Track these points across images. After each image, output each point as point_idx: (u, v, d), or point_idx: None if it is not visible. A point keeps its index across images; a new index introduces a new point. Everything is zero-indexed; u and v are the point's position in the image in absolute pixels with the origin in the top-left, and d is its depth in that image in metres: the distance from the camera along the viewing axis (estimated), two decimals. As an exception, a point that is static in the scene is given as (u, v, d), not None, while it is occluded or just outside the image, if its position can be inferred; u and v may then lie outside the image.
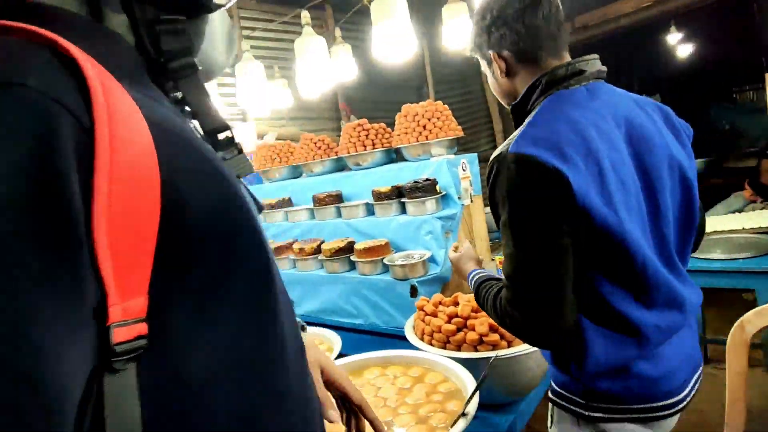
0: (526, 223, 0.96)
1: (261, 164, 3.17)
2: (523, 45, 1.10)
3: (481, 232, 2.56)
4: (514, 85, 1.15)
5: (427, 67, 5.44)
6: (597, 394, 1.05)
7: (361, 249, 2.22)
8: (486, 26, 1.13)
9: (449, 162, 2.31)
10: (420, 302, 1.76)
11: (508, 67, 1.14)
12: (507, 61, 1.13)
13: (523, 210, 0.96)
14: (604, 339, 1.00)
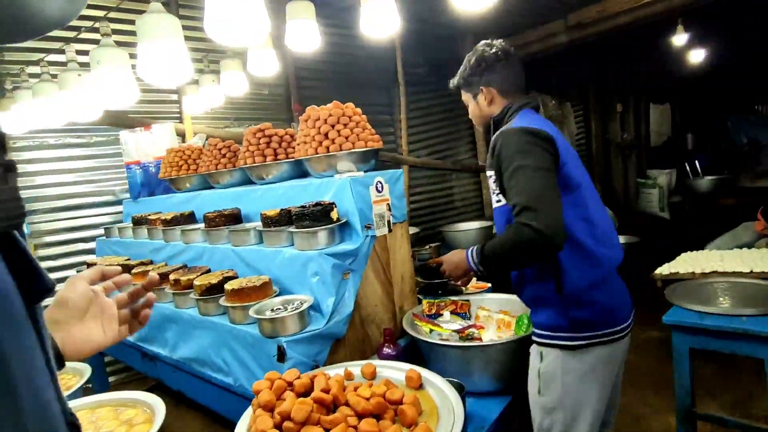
0: (537, 164, 1.39)
1: (165, 171, 2.69)
2: (505, 85, 1.64)
3: (404, 269, 2.05)
4: (492, 109, 1.66)
5: (399, 66, 4.92)
6: (577, 322, 1.47)
7: (231, 289, 1.73)
8: (480, 70, 1.65)
9: (354, 181, 1.81)
10: (258, 384, 1.25)
11: (492, 98, 1.65)
12: (492, 94, 1.65)
13: (533, 156, 1.40)
14: (573, 262, 1.46)
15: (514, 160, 1.40)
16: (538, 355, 1.55)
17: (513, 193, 1.39)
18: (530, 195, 1.35)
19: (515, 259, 1.46)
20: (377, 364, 1.50)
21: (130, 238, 2.83)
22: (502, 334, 1.94)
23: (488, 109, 1.65)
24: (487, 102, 1.64)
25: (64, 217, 3.45)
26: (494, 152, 1.48)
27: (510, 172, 1.41)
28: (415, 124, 5.21)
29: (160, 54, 1.42)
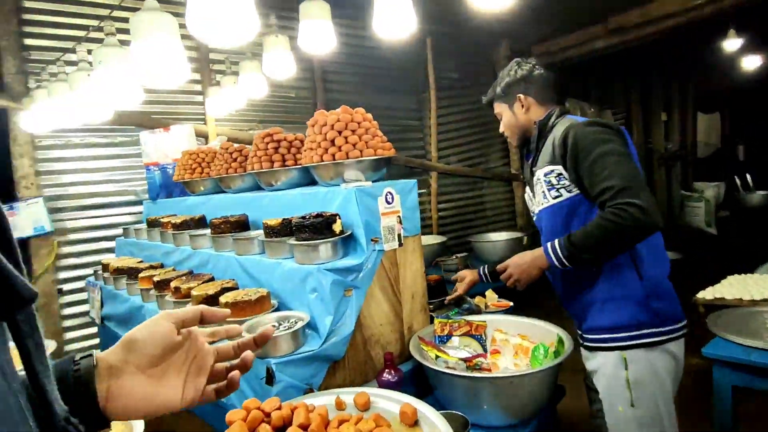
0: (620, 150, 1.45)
1: (179, 174, 2.65)
2: (542, 94, 1.71)
3: (416, 286, 1.92)
4: (529, 117, 1.71)
5: (430, 70, 4.78)
6: (660, 314, 1.48)
7: (224, 303, 1.63)
8: (518, 79, 1.72)
9: (361, 192, 1.69)
10: (232, 415, 1.14)
11: (528, 106, 1.71)
12: (528, 102, 1.71)
13: (614, 143, 1.45)
14: (648, 250, 1.51)
15: (594, 149, 1.43)
16: (619, 362, 1.51)
17: (601, 179, 1.41)
18: (624, 176, 1.38)
19: (617, 244, 1.42)
20: (372, 393, 1.37)
21: (144, 240, 2.81)
22: (518, 362, 1.78)
23: (525, 117, 1.71)
24: (525, 109, 1.71)
25: (87, 215, 3.49)
26: (565, 145, 1.49)
27: (592, 159, 1.43)
28: (445, 130, 5.06)
29: (155, 53, 1.35)
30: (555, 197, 1.58)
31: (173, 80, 1.42)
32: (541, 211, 1.67)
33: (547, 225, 1.65)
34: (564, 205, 1.56)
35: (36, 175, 3.29)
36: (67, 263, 3.44)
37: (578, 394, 2.96)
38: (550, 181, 1.57)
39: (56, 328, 3.39)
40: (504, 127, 1.82)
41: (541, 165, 1.62)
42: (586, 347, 1.65)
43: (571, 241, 1.47)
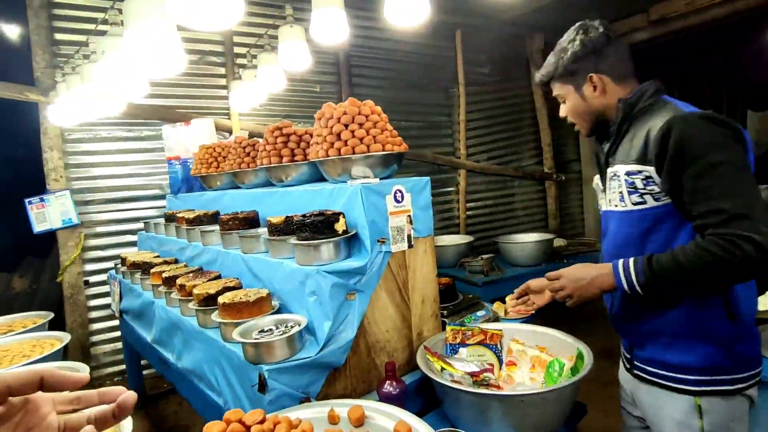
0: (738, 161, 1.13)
1: (196, 168, 2.62)
2: (619, 69, 1.36)
3: (427, 290, 1.80)
4: (605, 101, 1.38)
5: (460, 64, 4.61)
6: (741, 358, 1.24)
7: (222, 303, 1.57)
8: (588, 54, 1.36)
9: (367, 189, 1.59)
10: (209, 428, 1.07)
11: (603, 86, 1.36)
12: (603, 82, 1.36)
13: (732, 151, 1.14)
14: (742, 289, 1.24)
15: (706, 155, 1.13)
16: (692, 409, 1.27)
17: (708, 196, 1.12)
18: (741, 199, 1.10)
19: (714, 282, 1.16)
20: (367, 407, 1.27)
21: (163, 235, 2.81)
22: (535, 376, 1.64)
23: (599, 100, 1.38)
24: (599, 91, 1.37)
25: (113, 209, 3.54)
26: (664, 145, 1.17)
27: (700, 169, 1.13)
28: (474, 127, 4.89)
29: (147, 40, 1.29)
30: (636, 203, 1.27)
31: (167, 68, 1.36)
32: (611, 212, 1.38)
33: (617, 232, 1.36)
34: (646, 214, 1.26)
35: (65, 168, 3.36)
36: (94, 255, 3.51)
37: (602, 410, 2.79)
38: (633, 183, 1.26)
39: (82, 320, 3.46)
40: (568, 112, 1.47)
41: (623, 159, 1.30)
42: (640, 377, 1.40)
43: (653, 266, 1.17)
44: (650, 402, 1.38)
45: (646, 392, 1.39)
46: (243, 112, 3.70)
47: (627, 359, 1.46)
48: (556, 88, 1.47)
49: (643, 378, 1.39)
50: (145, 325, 2.42)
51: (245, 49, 3.24)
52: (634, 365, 1.42)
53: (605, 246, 1.44)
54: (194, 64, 3.68)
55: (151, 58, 1.31)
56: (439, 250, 4.00)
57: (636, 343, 1.40)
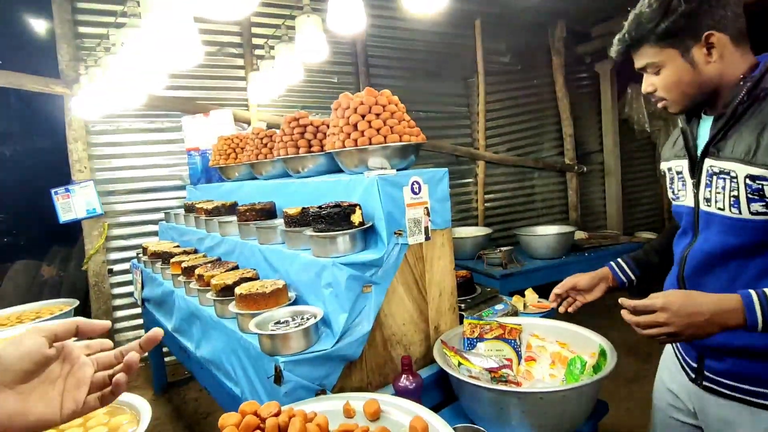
0: None
1: (215, 159, 2.64)
2: (736, 27, 1.06)
3: (444, 283, 1.78)
4: (720, 70, 1.08)
5: (479, 53, 4.53)
6: None
7: (239, 294, 1.57)
8: (702, 8, 1.05)
9: (384, 180, 1.56)
10: (225, 419, 1.07)
11: (722, 50, 1.07)
12: (722, 44, 1.06)
13: None
14: None
15: None
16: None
17: None
18: None
19: None
20: (383, 401, 1.26)
21: (183, 225, 2.84)
22: (555, 372, 1.61)
23: (715, 67, 1.07)
24: (716, 56, 1.07)
25: (136, 199, 3.60)
26: None
27: None
28: (494, 117, 4.81)
29: (164, 30, 1.29)
30: (757, 213, 1.04)
31: (185, 59, 1.35)
32: (710, 214, 1.13)
33: (716, 240, 1.12)
34: (763, 226, 1.05)
35: (89, 159, 3.42)
36: (117, 245, 3.58)
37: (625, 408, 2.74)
38: (761, 190, 1.01)
39: (107, 307, 3.54)
40: (664, 85, 1.14)
41: (741, 156, 1.04)
42: (712, 390, 1.22)
43: None
44: (724, 417, 1.20)
45: (720, 406, 1.21)
46: (261, 103, 3.70)
47: (693, 369, 1.27)
48: (648, 55, 1.13)
49: (717, 391, 1.20)
50: (165, 313, 2.46)
51: (263, 40, 3.24)
52: (704, 377, 1.23)
53: (693, 252, 1.19)
54: (213, 56, 3.69)
55: (169, 49, 1.30)
56: (457, 242, 3.97)
57: (711, 354, 1.20)
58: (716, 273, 1.14)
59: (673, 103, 1.15)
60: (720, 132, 1.10)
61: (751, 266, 1.08)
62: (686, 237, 1.23)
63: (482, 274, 3.60)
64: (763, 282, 1.06)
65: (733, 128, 1.08)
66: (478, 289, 2.10)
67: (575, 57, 5.10)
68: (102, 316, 3.51)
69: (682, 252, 1.22)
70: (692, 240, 1.20)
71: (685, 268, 1.20)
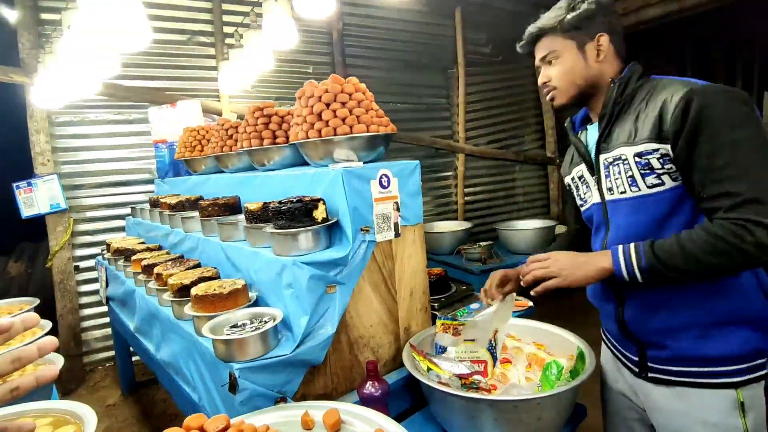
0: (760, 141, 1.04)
1: (180, 152, 2.51)
2: (618, 39, 1.26)
3: (416, 282, 1.69)
4: (602, 70, 1.25)
5: (459, 44, 4.44)
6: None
7: (195, 295, 1.47)
8: (599, 10, 1.22)
9: (349, 173, 1.47)
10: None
11: (605, 53, 1.24)
12: (606, 48, 1.24)
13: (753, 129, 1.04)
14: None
15: (724, 131, 1.04)
16: (733, 406, 1.13)
17: (722, 177, 1.03)
18: (760, 183, 1.01)
19: (719, 270, 1.06)
20: (344, 411, 1.18)
21: (148, 221, 2.71)
22: (532, 375, 1.54)
23: (598, 67, 1.24)
24: (601, 56, 1.23)
25: (103, 193, 3.44)
26: (684, 118, 1.06)
27: (718, 145, 1.03)
28: (474, 109, 4.73)
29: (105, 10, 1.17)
30: (653, 185, 1.13)
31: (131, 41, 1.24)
32: (617, 201, 1.22)
33: (627, 222, 1.20)
34: (665, 197, 1.13)
35: (52, 152, 3.26)
36: (84, 241, 3.42)
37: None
38: (649, 163, 1.13)
39: (72, 306, 3.39)
40: (559, 74, 1.26)
41: (625, 140, 1.17)
42: (659, 380, 1.23)
43: (656, 250, 1.08)
44: (674, 407, 1.21)
45: (667, 396, 1.22)
46: (233, 93, 3.56)
47: (635, 363, 1.28)
48: (550, 44, 1.27)
49: (665, 380, 1.21)
50: (128, 313, 2.34)
51: (233, 28, 3.10)
52: (648, 368, 1.25)
53: (609, 243, 1.24)
54: (182, 45, 3.54)
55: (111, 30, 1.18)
56: (436, 237, 3.89)
57: (652, 343, 1.23)
58: None
59: (561, 93, 1.29)
60: (606, 129, 1.24)
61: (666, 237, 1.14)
62: (600, 232, 1.31)
63: (461, 269, 3.53)
64: None
65: (614, 124, 1.23)
66: (453, 287, 2.02)
67: (557, 49, 5.04)
68: (67, 314, 3.37)
69: (600, 247, 1.30)
70: (606, 233, 1.28)
71: None
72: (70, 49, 1.52)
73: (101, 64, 1.58)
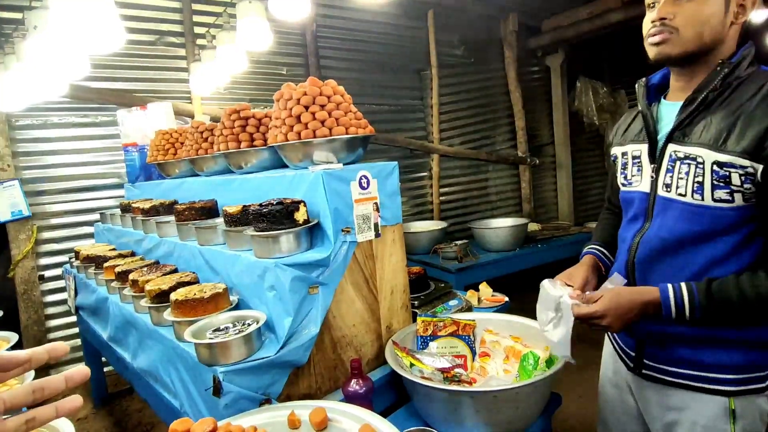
0: None
1: (152, 155, 2.47)
2: None
3: (396, 281, 1.72)
4: (729, 36, 1.05)
5: (432, 46, 4.50)
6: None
7: (174, 300, 1.45)
8: None
9: (329, 175, 1.48)
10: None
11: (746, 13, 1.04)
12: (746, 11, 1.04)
13: None
14: None
15: None
16: (723, 413, 1.10)
17: None
18: None
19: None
20: (331, 409, 1.19)
21: (119, 226, 2.65)
22: (509, 367, 1.58)
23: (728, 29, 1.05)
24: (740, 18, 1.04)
25: (69, 199, 3.33)
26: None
27: None
28: (447, 110, 4.80)
29: (76, 10, 1.15)
30: (720, 200, 1.01)
31: (103, 43, 1.22)
32: (669, 200, 1.10)
33: (673, 226, 1.09)
34: (727, 215, 1.02)
35: (13, 157, 3.14)
36: (48, 249, 3.31)
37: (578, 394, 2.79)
38: (728, 176, 0.99)
39: (38, 317, 3.27)
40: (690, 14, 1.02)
41: (710, 141, 1.01)
42: (653, 378, 1.20)
43: (713, 296, 0.99)
44: (665, 404, 1.19)
45: (661, 394, 1.20)
46: (205, 95, 3.51)
47: (631, 358, 1.25)
48: None
49: (658, 379, 1.19)
50: (101, 322, 2.28)
51: (205, 29, 3.06)
52: (643, 365, 1.22)
53: (647, 238, 1.15)
54: (152, 45, 3.47)
55: (82, 31, 1.16)
56: (413, 237, 3.93)
57: (651, 342, 1.20)
58: (667, 261, 1.12)
59: (680, 41, 1.04)
60: (688, 117, 1.07)
61: (700, 255, 1.08)
62: (636, 223, 1.20)
63: (438, 268, 3.58)
64: (709, 274, 1.06)
65: (701, 114, 1.06)
66: (432, 285, 2.06)
67: (527, 51, 5.16)
68: (32, 326, 3.25)
69: (632, 238, 1.19)
70: (644, 226, 1.17)
71: (637, 255, 1.17)
72: (37, 50, 1.48)
73: (70, 66, 1.54)
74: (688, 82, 1.09)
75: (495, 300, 2.23)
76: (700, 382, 1.12)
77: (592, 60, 5.47)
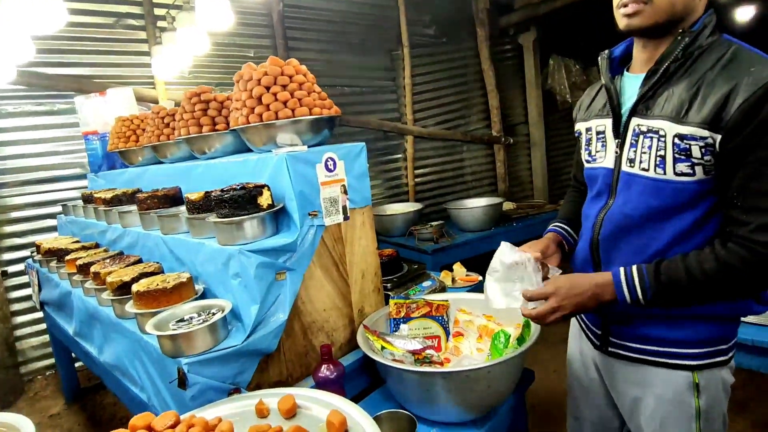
0: None
1: (113, 143, 2.37)
2: None
3: (367, 264, 1.70)
4: (697, 6, 1.02)
5: (403, 25, 4.42)
6: (735, 328, 1.13)
7: (137, 291, 1.40)
8: None
9: (293, 158, 1.44)
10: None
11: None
12: None
13: None
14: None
15: None
16: (688, 387, 1.10)
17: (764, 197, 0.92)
18: None
19: (730, 294, 1.00)
20: (299, 396, 1.17)
21: (82, 218, 2.55)
22: (482, 346, 1.59)
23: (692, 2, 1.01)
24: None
25: (30, 191, 3.19)
26: (757, 109, 0.90)
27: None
28: (421, 91, 4.74)
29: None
30: (682, 173, 0.99)
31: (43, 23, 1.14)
32: (632, 175, 1.07)
33: (637, 202, 1.07)
34: (688, 188, 1.00)
35: (-33, 149, 2.99)
36: (10, 243, 3.17)
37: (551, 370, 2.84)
38: (689, 149, 0.97)
39: (3, 314, 3.15)
40: None
41: (672, 114, 0.99)
42: (619, 355, 1.20)
43: (661, 278, 0.99)
44: (631, 380, 1.19)
45: (626, 371, 1.20)
46: (169, 80, 3.39)
47: (597, 336, 1.25)
48: None
49: (623, 356, 1.19)
50: (66, 316, 2.21)
51: (165, 10, 2.93)
52: (609, 342, 1.21)
53: (611, 215, 1.13)
54: (111, 28, 3.32)
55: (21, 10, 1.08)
56: (388, 219, 3.91)
57: (616, 320, 1.19)
58: (631, 237, 1.10)
59: (652, 12, 1.00)
60: (650, 90, 1.04)
61: (665, 232, 1.06)
62: (600, 200, 1.18)
63: (414, 250, 3.58)
64: (674, 250, 1.05)
65: (663, 86, 1.03)
66: (405, 267, 2.04)
67: (499, 29, 5.12)
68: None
69: (596, 215, 1.17)
70: (608, 202, 1.15)
71: (601, 232, 1.15)
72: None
73: (13, 49, 1.44)
74: (652, 52, 1.06)
75: (469, 279, 2.24)
76: (665, 358, 1.12)
77: (565, 38, 5.46)
